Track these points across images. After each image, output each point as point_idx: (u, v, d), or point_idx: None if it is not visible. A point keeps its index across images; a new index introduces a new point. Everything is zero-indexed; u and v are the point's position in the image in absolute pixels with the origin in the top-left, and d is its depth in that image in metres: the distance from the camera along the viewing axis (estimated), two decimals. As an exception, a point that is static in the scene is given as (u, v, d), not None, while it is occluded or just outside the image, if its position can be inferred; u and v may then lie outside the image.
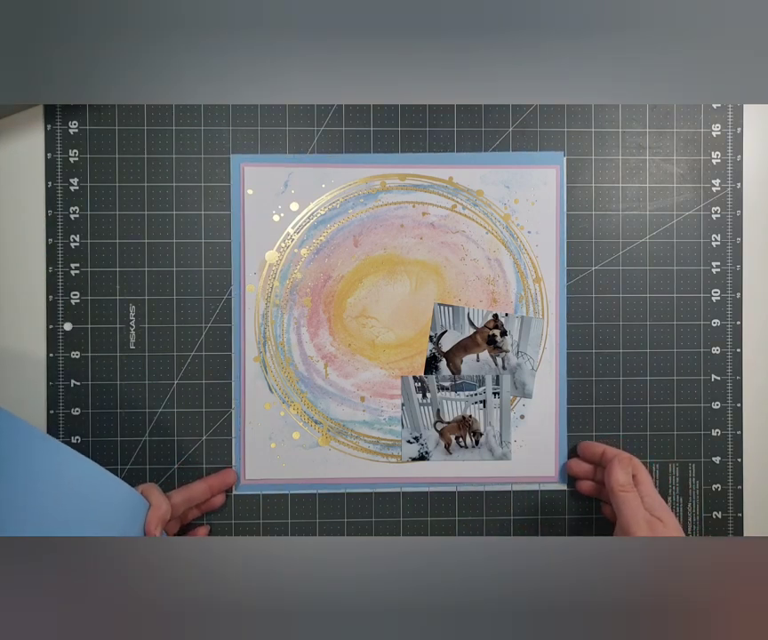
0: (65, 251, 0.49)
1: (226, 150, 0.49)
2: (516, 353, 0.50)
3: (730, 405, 0.50)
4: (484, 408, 0.50)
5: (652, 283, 0.50)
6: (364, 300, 0.50)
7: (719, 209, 0.50)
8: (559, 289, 0.50)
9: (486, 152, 0.50)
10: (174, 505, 0.44)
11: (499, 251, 0.50)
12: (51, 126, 0.49)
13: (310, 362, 0.50)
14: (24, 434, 0.34)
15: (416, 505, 0.50)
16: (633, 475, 0.44)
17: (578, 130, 0.50)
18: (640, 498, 0.43)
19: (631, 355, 0.50)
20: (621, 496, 0.43)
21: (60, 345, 0.49)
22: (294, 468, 0.49)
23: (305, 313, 0.50)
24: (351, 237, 0.50)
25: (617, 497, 0.43)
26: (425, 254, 0.50)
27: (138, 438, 0.49)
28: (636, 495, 0.43)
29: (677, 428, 0.50)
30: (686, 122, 0.50)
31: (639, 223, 0.50)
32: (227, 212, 0.49)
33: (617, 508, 0.43)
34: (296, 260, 0.49)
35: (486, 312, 0.50)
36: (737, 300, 0.50)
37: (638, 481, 0.44)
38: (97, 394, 0.49)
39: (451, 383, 0.50)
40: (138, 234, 0.49)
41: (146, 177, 0.49)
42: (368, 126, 0.49)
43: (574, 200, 0.50)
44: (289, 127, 0.49)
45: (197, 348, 0.49)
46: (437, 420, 0.50)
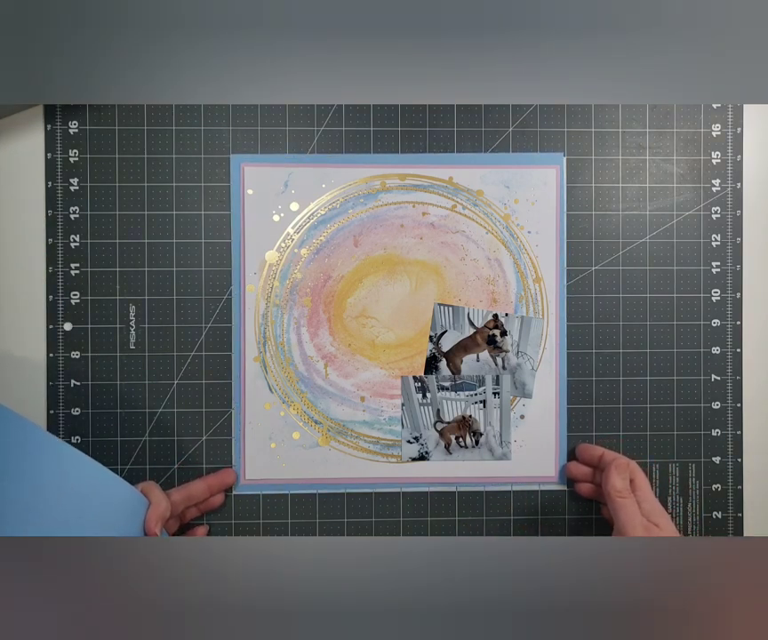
0: (65, 251, 0.49)
1: (226, 150, 0.49)
2: (516, 353, 0.50)
3: (730, 405, 0.50)
4: (483, 408, 0.50)
5: (652, 283, 0.50)
6: (364, 300, 0.50)
7: (719, 209, 0.50)
8: (559, 289, 0.50)
9: (486, 153, 0.50)
10: (173, 503, 0.44)
11: (499, 251, 0.50)
12: (51, 126, 0.49)
13: (310, 362, 0.50)
14: (26, 432, 0.34)
15: (416, 505, 0.50)
16: (630, 479, 0.44)
17: (578, 130, 0.50)
18: (637, 503, 0.43)
19: (631, 355, 0.50)
20: (618, 502, 0.43)
21: (59, 345, 0.49)
22: (294, 468, 0.49)
23: (305, 313, 0.50)
24: (351, 237, 0.50)
25: (614, 502, 0.43)
26: (425, 254, 0.50)
27: (138, 438, 0.49)
28: (632, 501, 0.43)
29: (677, 428, 0.50)
30: (686, 122, 0.50)
31: (639, 223, 0.50)
32: (227, 211, 0.49)
33: (614, 514, 0.43)
34: (296, 260, 0.49)
35: (486, 312, 0.50)
36: (737, 299, 0.50)
37: (636, 486, 0.44)
38: (97, 394, 0.49)
39: (451, 383, 0.50)
40: (138, 234, 0.49)
41: (146, 177, 0.49)
42: (368, 126, 0.49)
43: (574, 200, 0.50)
44: (289, 127, 0.49)
45: (197, 348, 0.49)
46: (437, 420, 0.50)
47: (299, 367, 0.49)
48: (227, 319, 0.49)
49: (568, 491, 0.50)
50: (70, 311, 0.49)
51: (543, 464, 0.50)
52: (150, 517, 0.40)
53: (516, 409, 0.50)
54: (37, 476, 0.34)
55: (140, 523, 0.40)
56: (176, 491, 0.46)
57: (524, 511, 0.50)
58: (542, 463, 0.50)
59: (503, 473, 0.50)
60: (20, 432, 0.34)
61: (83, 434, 0.49)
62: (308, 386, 0.50)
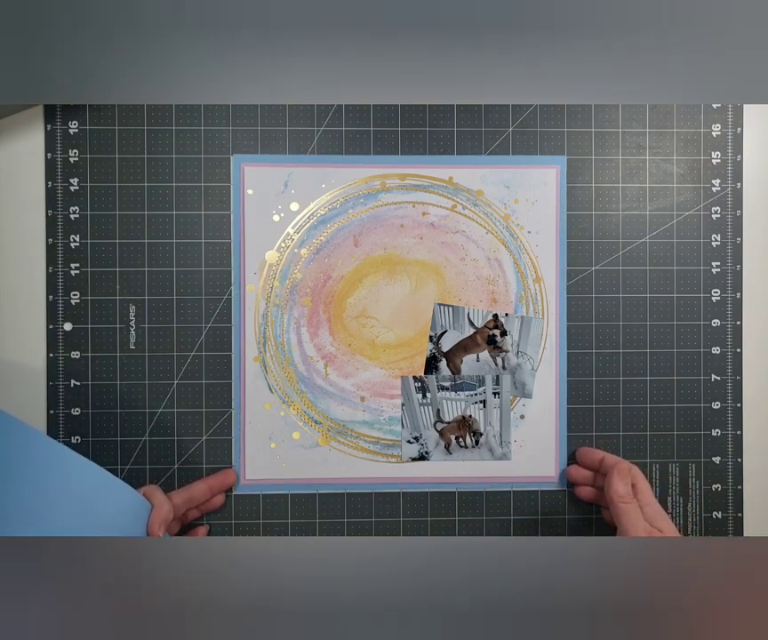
0: (65, 251, 0.49)
1: (226, 150, 0.49)
2: (516, 353, 0.50)
3: (730, 405, 0.50)
4: (484, 408, 0.50)
5: (652, 283, 0.50)
6: (364, 300, 0.50)
7: (719, 209, 0.50)
8: (559, 289, 0.50)
9: (486, 154, 0.50)
10: (175, 506, 0.44)
11: (499, 251, 0.50)
12: (51, 126, 0.49)
13: (310, 362, 0.50)
14: (29, 437, 0.34)
15: (416, 505, 0.50)
16: (632, 484, 0.44)
17: (578, 130, 0.50)
18: (640, 508, 0.43)
19: (631, 355, 0.50)
20: (621, 507, 0.43)
21: (59, 345, 0.49)
22: (294, 467, 0.49)
23: (305, 313, 0.50)
24: (351, 237, 0.50)
25: (617, 508, 0.43)
26: (425, 254, 0.50)
27: (138, 438, 0.49)
28: (635, 506, 0.43)
29: (677, 428, 0.50)
30: (686, 122, 0.50)
31: (639, 223, 0.50)
32: (227, 212, 0.49)
33: (617, 519, 0.43)
34: (296, 259, 0.49)
35: (486, 312, 0.50)
36: (737, 299, 0.50)
37: (638, 490, 0.44)
38: (97, 394, 0.49)
39: (451, 383, 0.50)
40: (138, 234, 0.49)
41: (146, 177, 0.49)
42: (368, 126, 0.49)
43: (574, 200, 0.50)
44: (289, 127, 0.49)
45: (197, 348, 0.49)
46: (437, 420, 0.50)
47: (299, 367, 0.49)
48: (227, 319, 0.49)
49: (568, 491, 0.50)
50: (70, 311, 0.49)
51: (543, 464, 0.50)
52: (153, 521, 0.40)
53: (516, 409, 0.50)
54: (40, 481, 0.34)
55: (144, 526, 0.40)
56: (177, 493, 0.46)
57: (524, 511, 0.50)
58: (542, 463, 0.50)
59: (503, 473, 0.50)
60: (22, 436, 0.34)
61: (83, 434, 0.49)
62: (308, 386, 0.50)
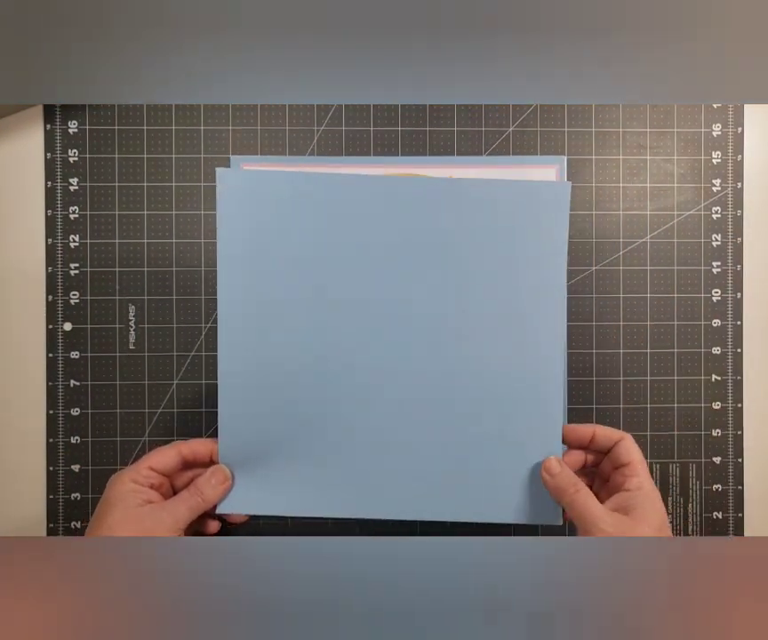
0: (64, 251, 0.49)
1: (226, 150, 0.49)
2: (517, 353, 0.50)
3: (730, 405, 0.50)
4: (484, 408, 0.50)
5: (652, 283, 0.50)
6: (364, 300, 0.50)
7: (720, 209, 0.50)
8: (559, 289, 0.50)
9: (486, 155, 0.50)
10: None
11: (499, 251, 0.50)
12: (50, 126, 0.49)
13: (310, 362, 0.49)
14: None
15: (416, 505, 0.50)
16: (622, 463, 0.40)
17: (578, 130, 0.50)
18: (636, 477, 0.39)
19: (631, 355, 0.50)
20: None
21: (59, 345, 0.49)
22: (294, 468, 0.49)
23: (305, 313, 0.49)
24: (351, 237, 0.49)
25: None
26: (425, 254, 0.50)
27: (138, 438, 0.49)
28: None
29: (678, 428, 0.50)
30: (686, 122, 0.50)
31: (639, 223, 0.50)
32: (227, 212, 0.49)
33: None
34: (296, 260, 0.49)
35: (486, 312, 0.50)
36: (737, 299, 0.50)
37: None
38: (97, 394, 0.49)
39: (451, 383, 0.50)
40: (137, 234, 0.49)
41: (146, 177, 0.49)
42: (368, 126, 0.49)
43: (574, 200, 0.50)
44: (289, 127, 0.49)
45: (197, 348, 0.49)
46: (437, 420, 0.50)
47: (299, 367, 0.49)
48: (227, 319, 0.49)
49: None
50: (70, 311, 0.49)
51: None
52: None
53: (517, 409, 0.50)
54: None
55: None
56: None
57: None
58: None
59: (503, 473, 0.50)
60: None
61: (82, 434, 0.49)
62: (308, 386, 0.49)
